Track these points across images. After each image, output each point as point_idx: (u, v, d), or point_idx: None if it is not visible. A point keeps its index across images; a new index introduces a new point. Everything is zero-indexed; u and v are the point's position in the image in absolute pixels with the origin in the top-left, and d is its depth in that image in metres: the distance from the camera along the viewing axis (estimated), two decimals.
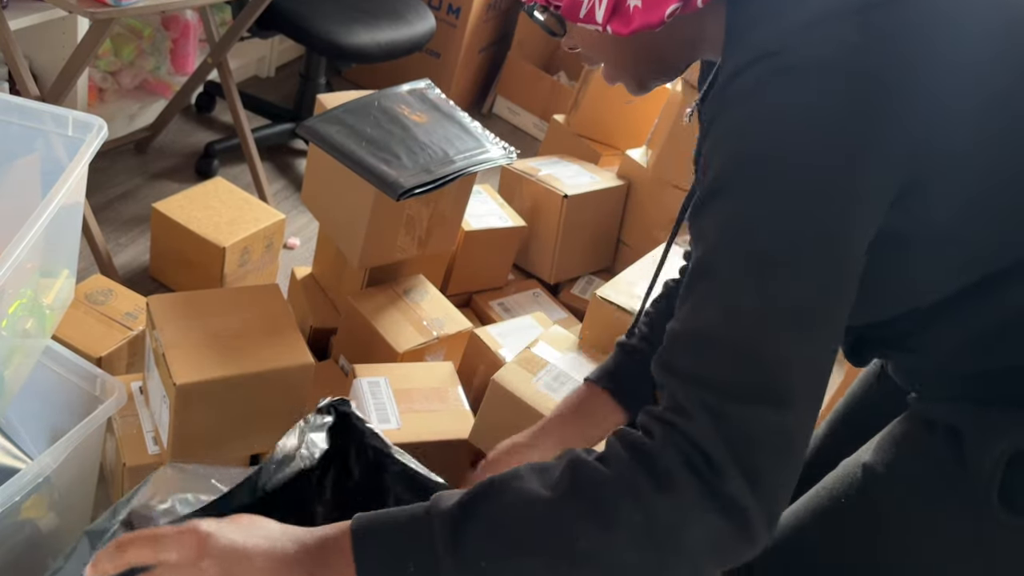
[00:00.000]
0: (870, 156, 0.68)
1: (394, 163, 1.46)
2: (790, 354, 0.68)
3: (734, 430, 0.67)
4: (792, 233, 0.67)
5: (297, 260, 2.19)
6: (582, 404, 1.11)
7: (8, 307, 1.10)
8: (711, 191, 0.71)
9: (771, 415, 0.67)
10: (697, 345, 0.71)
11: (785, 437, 0.68)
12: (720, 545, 0.68)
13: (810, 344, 0.69)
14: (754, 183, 0.68)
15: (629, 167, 2.19)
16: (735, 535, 0.67)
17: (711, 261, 0.71)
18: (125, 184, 2.28)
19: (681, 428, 0.68)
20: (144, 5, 1.53)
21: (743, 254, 0.69)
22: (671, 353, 0.73)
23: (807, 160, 0.67)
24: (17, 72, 1.70)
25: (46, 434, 1.31)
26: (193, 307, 1.35)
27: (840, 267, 0.69)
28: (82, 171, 1.13)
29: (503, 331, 1.71)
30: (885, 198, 0.70)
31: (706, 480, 0.66)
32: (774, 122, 0.68)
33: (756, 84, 0.68)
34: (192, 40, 2.55)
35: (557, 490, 0.70)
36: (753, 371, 0.68)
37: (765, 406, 0.67)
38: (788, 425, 0.68)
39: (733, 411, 0.67)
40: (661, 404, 0.72)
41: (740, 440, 0.67)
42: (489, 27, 3.14)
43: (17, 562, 1.28)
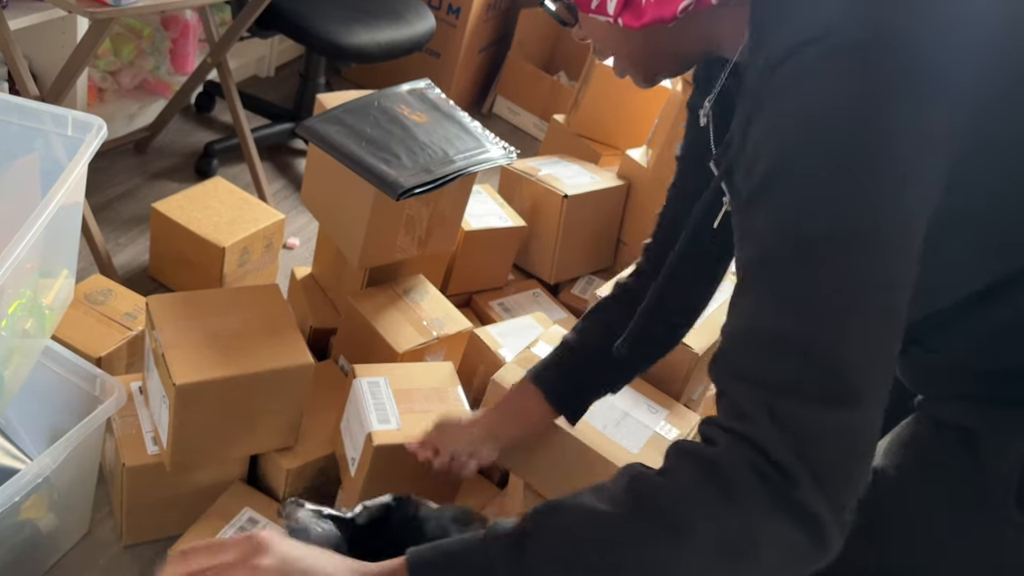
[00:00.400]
0: (929, 139, 0.66)
1: (394, 163, 1.46)
2: (856, 349, 0.66)
3: (800, 432, 0.65)
4: (855, 225, 0.65)
5: (297, 260, 2.19)
6: (516, 401, 1.17)
7: (8, 307, 1.10)
8: (763, 186, 0.68)
9: (838, 415, 0.65)
10: (757, 346, 0.68)
11: (853, 437, 0.66)
12: (794, 553, 0.66)
13: (876, 339, 0.67)
14: (811, 174, 0.66)
15: (629, 167, 2.19)
16: (809, 542, 0.65)
17: (767, 258, 0.68)
18: (125, 184, 2.28)
19: (746, 434, 0.66)
20: (144, 5, 1.53)
21: (803, 248, 0.66)
22: (730, 356, 0.71)
23: (866, 147, 0.65)
24: (17, 72, 1.69)
25: (46, 434, 1.31)
26: (193, 307, 1.35)
27: (904, 258, 0.67)
28: (81, 171, 1.13)
29: (503, 331, 1.71)
30: (940, 183, 0.68)
31: (776, 487, 0.64)
32: (828, 109, 0.65)
33: (803, 71, 0.66)
34: (192, 40, 2.55)
35: (621, 507, 0.68)
36: (818, 369, 0.65)
37: (832, 406, 0.65)
38: (856, 424, 0.66)
39: (798, 411, 0.65)
40: (720, 410, 0.70)
41: (807, 443, 0.64)
42: (489, 27, 3.14)
43: (17, 562, 1.28)
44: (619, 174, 2.21)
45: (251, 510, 1.41)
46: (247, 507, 1.41)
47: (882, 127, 0.65)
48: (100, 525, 1.45)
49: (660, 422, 1.37)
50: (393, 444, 1.32)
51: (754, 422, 0.66)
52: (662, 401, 1.42)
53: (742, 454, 0.66)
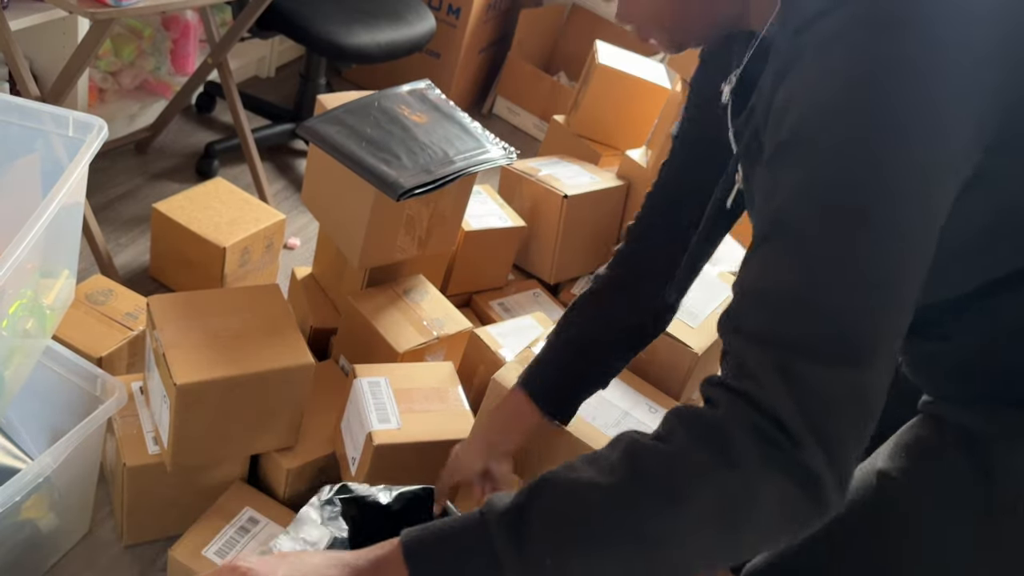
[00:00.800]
0: (958, 113, 0.66)
1: (394, 163, 1.46)
2: (870, 311, 0.65)
3: (810, 392, 0.63)
4: (877, 188, 0.64)
5: (297, 260, 2.19)
6: (507, 409, 1.16)
7: (8, 307, 1.10)
8: (788, 142, 0.68)
9: (849, 375, 0.64)
10: (770, 303, 0.67)
11: (863, 399, 0.65)
12: (794, 515, 0.65)
13: (890, 302, 0.66)
14: (838, 134, 0.65)
15: (629, 167, 2.19)
16: (809, 504, 0.64)
17: (786, 216, 0.67)
18: (125, 184, 2.28)
19: (750, 394, 0.65)
20: (144, 5, 1.53)
21: (824, 210, 0.66)
22: (739, 312, 0.69)
23: (895, 114, 0.64)
24: (17, 72, 1.70)
25: (46, 434, 1.31)
26: (193, 307, 1.35)
27: (924, 225, 0.66)
28: (82, 171, 1.13)
29: (503, 331, 1.71)
30: (968, 161, 0.68)
31: (779, 449, 0.63)
32: (860, 75, 0.64)
33: (837, 34, 0.65)
34: (192, 40, 2.55)
35: (616, 475, 0.67)
36: (831, 328, 0.65)
37: (843, 366, 0.64)
38: (865, 385, 0.65)
39: (809, 371, 0.64)
40: (725, 369, 0.69)
41: (816, 403, 0.63)
42: (489, 27, 3.14)
43: (17, 562, 1.28)
44: (619, 174, 2.22)
45: (252, 510, 1.41)
46: (248, 507, 1.41)
47: (916, 98, 0.64)
48: (101, 525, 1.45)
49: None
50: (393, 444, 1.32)
51: (760, 382, 0.65)
52: (662, 401, 1.43)
53: (745, 415, 0.65)
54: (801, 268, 0.66)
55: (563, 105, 2.87)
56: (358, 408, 1.37)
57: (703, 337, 1.47)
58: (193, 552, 1.32)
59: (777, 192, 0.68)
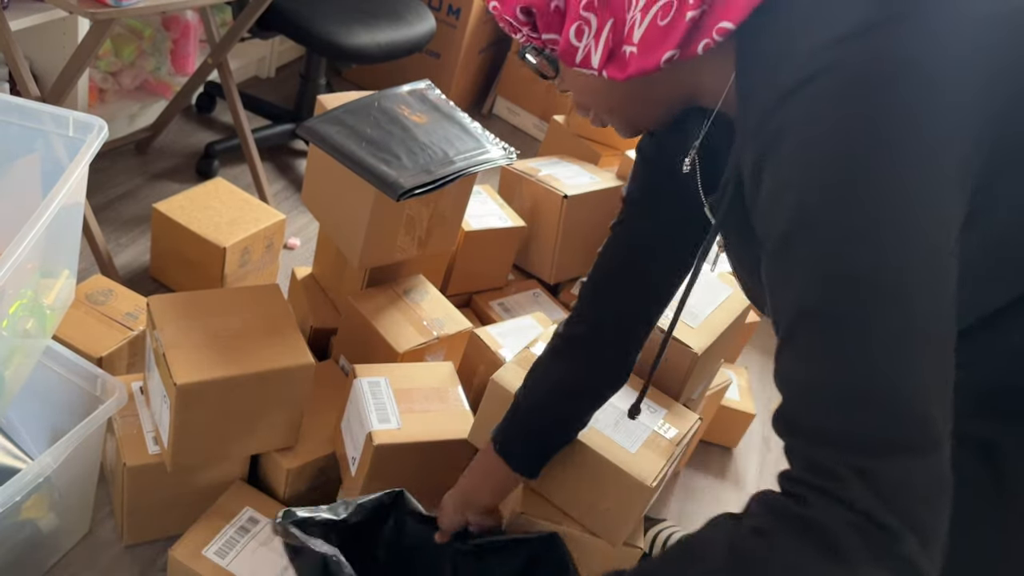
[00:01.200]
0: (954, 152, 0.65)
1: (394, 163, 1.47)
2: (921, 390, 0.65)
3: (892, 488, 0.64)
4: (898, 252, 0.64)
5: (297, 260, 2.20)
6: (483, 468, 1.21)
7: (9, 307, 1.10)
8: (792, 233, 0.67)
9: (921, 462, 0.64)
10: (822, 404, 0.67)
11: (939, 479, 0.65)
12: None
13: (937, 373, 0.66)
14: (844, 216, 0.64)
15: (629, 167, 2.19)
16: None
17: (811, 310, 0.67)
18: (125, 184, 2.28)
19: (838, 495, 0.65)
20: (144, 5, 1.53)
21: (845, 295, 0.65)
22: (795, 415, 0.69)
23: (895, 168, 0.63)
24: (18, 72, 1.70)
25: (46, 434, 1.31)
26: (193, 307, 1.35)
27: (947, 285, 0.66)
28: (82, 171, 1.13)
29: (503, 331, 1.71)
30: (965, 200, 0.67)
31: (879, 544, 0.64)
32: (854, 137, 0.64)
33: (807, 111, 0.65)
34: (192, 41, 2.56)
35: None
36: (892, 418, 0.65)
37: (914, 454, 0.64)
38: (938, 465, 0.65)
39: (883, 468, 0.64)
40: (795, 465, 0.69)
41: (900, 497, 0.64)
42: (489, 28, 3.15)
43: (18, 562, 1.28)
44: (619, 174, 2.22)
45: (252, 510, 1.41)
46: (248, 507, 1.41)
47: (898, 158, 0.63)
48: (101, 525, 1.45)
49: (659, 421, 1.37)
50: (393, 443, 1.32)
51: (842, 482, 0.65)
52: (661, 401, 1.42)
53: (839, 515, 0.65)
54: (840, 364, 0.66)
55: (563, 105, 2.87)
56: (358, 408, 1.37)
57: (703, 337, 1.47)
58: (193, 552, 1.33)
59: (792, 284, 0.68)
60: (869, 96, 0.63)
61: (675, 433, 1.35)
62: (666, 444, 1.32)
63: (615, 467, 1.25)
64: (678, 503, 1.90)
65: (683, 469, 1.98)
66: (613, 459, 1.26)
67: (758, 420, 2.17)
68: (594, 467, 1.27)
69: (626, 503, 1.28)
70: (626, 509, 1.29)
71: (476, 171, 1.54)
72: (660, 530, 1.71)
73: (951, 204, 0.66)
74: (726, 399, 1.98)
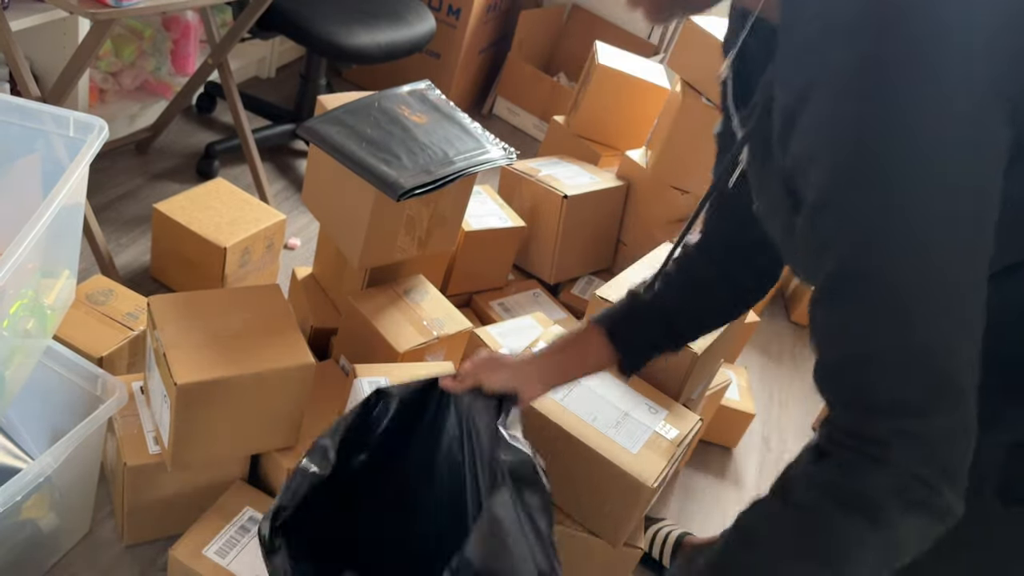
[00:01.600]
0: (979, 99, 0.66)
1: (394, 164, 1.47)
2: (960, 345, 0.68)
3: (930, 446, 0.68)
4: (940, 208, 0.65)
5: (297, 260, 2.20)
6: (576, 339, 1.14)
7: (9, 307, 1.11)
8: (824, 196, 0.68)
9: (954, 418, 0.68)
10: (866, 369, 0.70)
11: (969, 431, 0.69)
12: (933, 537, 0.71)
13: (971, 331, 0.69)
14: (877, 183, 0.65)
15: (629, 167, 2.19)
16: (944, 526, 0.71)
17: (847, 272, 0.69)
18: (126, 184, 2.28)
19: (876, 457, 0.69)
20: (145, 6, 1.53)
21: (884, 257, 0.67)
22: (834, 376, 0.73)
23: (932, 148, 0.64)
24: (18, 73, 1.70)
25: (47, 434, 1.31)
26: (194, 307, 1.35)
27: (986, 241, 0.68)
28: (83, 172, 1.14)
29: (503, 331, 1.71)
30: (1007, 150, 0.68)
31: (919, 500, 0.69)
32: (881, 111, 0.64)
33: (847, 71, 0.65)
34: (193, 41, 2.56)
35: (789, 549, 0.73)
36: (929, 379, 0.68)
37: (947, 411, 0.68)
38: (969, 419, 0.69)
39: (921, 428, 0.68)
40: (840, 427, 0.72)
41: (938, 453, 0.69)
42: (489, 28, 3.15)
43: (18, 562, 1.28)
44: (619, 175, 2.22)
45: (252, 509, 1.41)
46: (248, 506, 1.41)
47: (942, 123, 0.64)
48: (101, 525, 1.45)
49: (660, 422, 1.37)
50: None
51: (886, 446, 0.69)
52: (661, 401, 1.43)
53: (880, 477, 0.69)
54: (878, 328, 0.68)
55: (563, 105, 2.87)
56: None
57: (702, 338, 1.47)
58: (193, 552, 1.33)
59: (828, 248, 0.69)
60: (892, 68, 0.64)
61: (676, 434, 1.36)
62: (667, 445, 1.32)
63: (616, 468, 1.25)
64: (678, 503, 1.90)
65: (683, 469, 1.99)
66: (614, 460, 1.26)
67: (758, 420, 2.17)
68: (595, 468, 1.27)
69: (627, 504, 1.28)
70: (627, 510, 1.29)
71: (476, 171, 1.55)
72: (659, 528, 1.71)
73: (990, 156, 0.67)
74: (726, 399, 1.98)
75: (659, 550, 1.69)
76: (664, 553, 1.68)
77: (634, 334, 1.14)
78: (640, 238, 2.16)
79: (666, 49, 3.28)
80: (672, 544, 1.68)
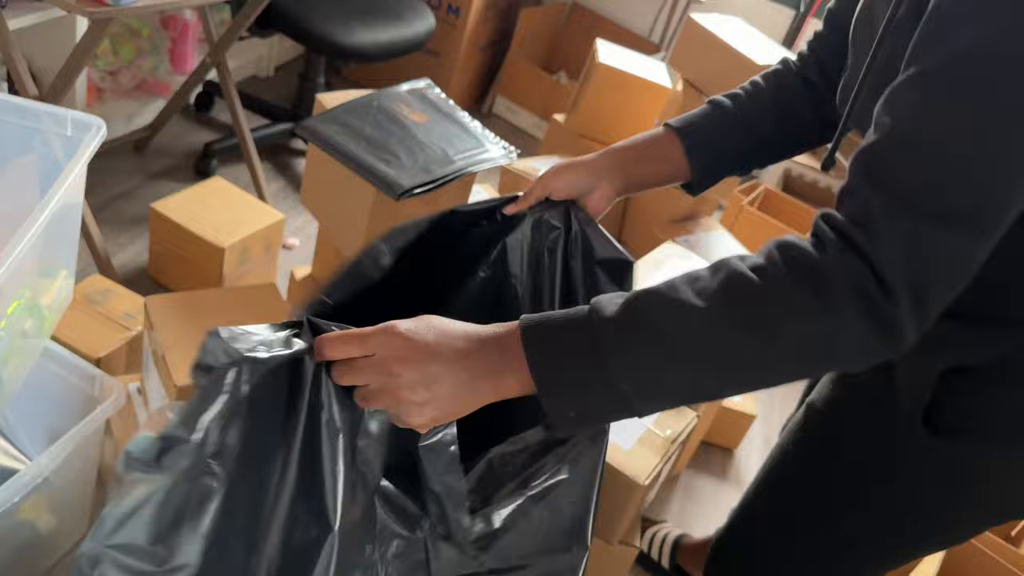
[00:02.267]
0: None
1: (393, 163, 1.46)
2: (998, 181, 0.67)
3: (921, 253, 0.67)
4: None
5: (297, 260, 2.19)
6: (650, 141, 1.08)
7: (7, 307, 1.10)
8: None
9: (959, 238, 0.67)
10: (912, 156, 0.68)
11: (967, 266, 0.68)
12: (869, 356, 0.71)
13: (1017, 180, 0.67)
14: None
15: None
16: (886, 349, 0.70)
17: (935, 69, 0.68)
18: (124, 184, 2.28)
19: (861, 247, 0.68)
20: (143, 5, 1.52)
21: (978, 69, 0.66)
22: (877, 157, 0.71)
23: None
24: (16, 72, 1.69)
25: (44, 435, 1.30)
26: (191, 307, 1.35)
27: None
28: (81, 171, 1.13)
29: None
30: None
31: (874, 303, 0.67)
32: None
33: None
34: (191, 40, 2.55)
35: (712, 301, 0.71)
36: (966, 192, 0.67)
37: (956, 228, 0.67)
38: (969, 251, 0.68)
39: (928, 233, 0.67)
40: (845, 206, 0.71)
41: (923, 265, 0.67)
42: (489, 27, 3.14)
43: (15, 563, 1.28)
44: None
45: None
46: None
47: None
48: None
49: (655, 419, 1.37)
50: None
51: (875, 234, 0.68)
52: None
53: (850, 266, 0.68)
54: (941, 123, 0.67)
55: (563, 105, 2.87)
56: None
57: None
58: None
59: (952, 34, 0.68)
60: None
61: (670, 431, 1.35)
62: (661, 442, 1.32)
63: (608, 465, 1.25)
64: (678, 504, 1.90)
65: (683, 470, 1.98)
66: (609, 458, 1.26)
67: (759, 421, 2.16)
68: None
69: (620, 501, 1.28)
70: (620, 507, 1.29)
71: (476, 171, 1.54)
72: (657, 530, 1.71)
73: None
74: (726, 400, 1.97)
75: (657, 551, 1.68)
76: (663, 554, 1.68)
77: (711, 145, 1.07)
78: (640, 237, 2.16)
79: (667, 47, 3.28)
80: (670, 545, 1.68)
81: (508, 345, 0.74)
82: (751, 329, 0.69)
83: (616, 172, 1.07)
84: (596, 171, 1.06)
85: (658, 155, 1.07)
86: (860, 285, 0.67)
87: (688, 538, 1.69)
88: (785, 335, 0.69)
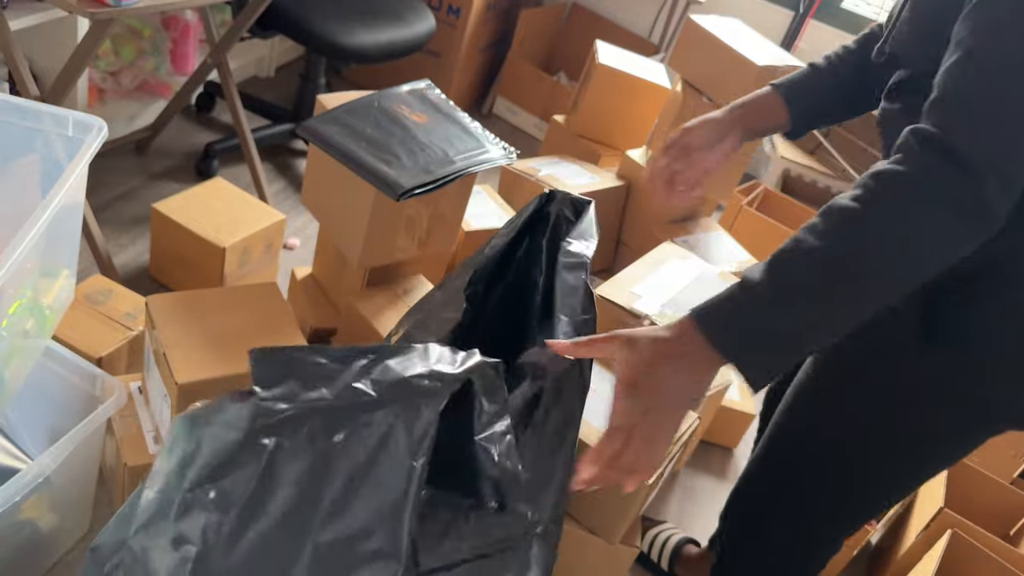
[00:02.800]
0: None
1: (394, 163, 1.46)
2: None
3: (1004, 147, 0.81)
4: None
5: (297, 260, 2.20)
6: (760, 99, 1.30)
7: (8, 307, 1.10)
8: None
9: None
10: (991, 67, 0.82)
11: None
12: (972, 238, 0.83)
13: None
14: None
15: (629, 167, 2.19)
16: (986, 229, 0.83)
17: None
18: (125, 184, 2.28)
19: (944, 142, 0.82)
20: (144, 5, 1.53)
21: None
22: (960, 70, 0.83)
23: None
24: (17, 72, 1.70)
25: (46, 434, 1.31)
26: (192, 307, 1.35)
27: None
28: (82, 171, 1.13)
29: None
30: None
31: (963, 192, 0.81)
32: None
33: None
34: (192, 40, 2.56)
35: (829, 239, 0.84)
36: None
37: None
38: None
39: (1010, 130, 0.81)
40: (930, 117, 0.84)
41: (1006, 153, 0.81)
42: (489, 27, 3.15)
43: (17, 562, 1.28)
44: (619, 174, 2.22)
45: None
46: None
47: None
48: (100, 525, 1.45)
49: None
50: None
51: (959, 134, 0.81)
52: None
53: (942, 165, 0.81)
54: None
55: (563, 105, 2.87)
56: None
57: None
58: None
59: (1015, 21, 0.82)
60: None
61: None
62: None
63: None
64: (678, 503, 1.90)
65: (683, 469, 1.98)
66: None
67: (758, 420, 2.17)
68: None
69: (621, 500, 1.28)
70: (621, 506, 1.29)
71: (476, 171, 1.54)
72: (659, 531, 1.71)
73: None
74: (726, 399, 1.97)
75: (657, 553, 1.69)
76: (663, 556, 1.68)
77: (804, 101, 1.28)
78: (640, 238, 2.16)
79: (666, 48, 3.28)
80: (671, 549, 1.68)
81: (687, 328, 0.87)
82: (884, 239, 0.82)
83: (738, 125, 1.28)
84: (724, 124, 1.27)
85: (767, 111, 1.29)
86: (949, 180, 0.80)
87: (689, 549, 1.69)
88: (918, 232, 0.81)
